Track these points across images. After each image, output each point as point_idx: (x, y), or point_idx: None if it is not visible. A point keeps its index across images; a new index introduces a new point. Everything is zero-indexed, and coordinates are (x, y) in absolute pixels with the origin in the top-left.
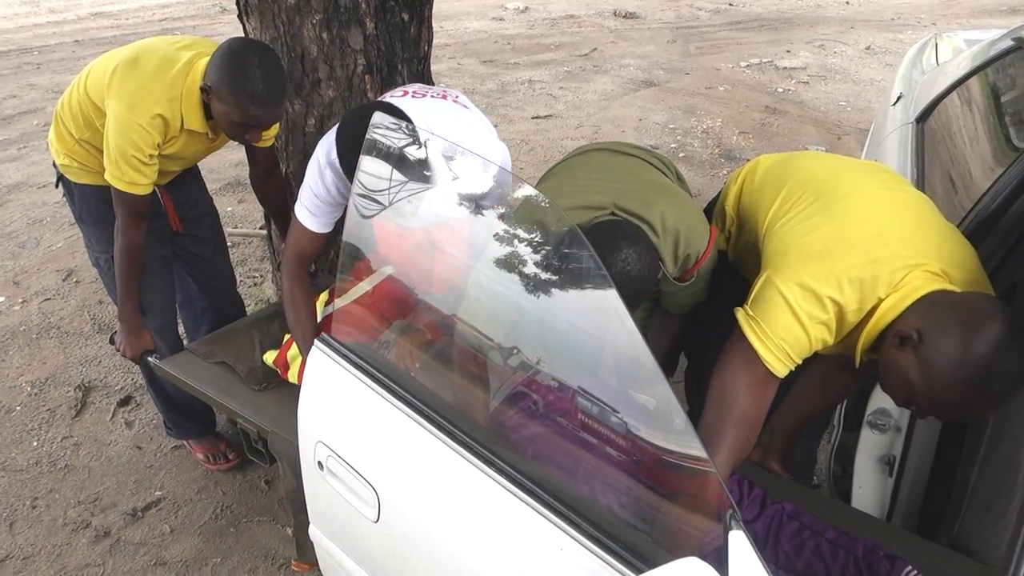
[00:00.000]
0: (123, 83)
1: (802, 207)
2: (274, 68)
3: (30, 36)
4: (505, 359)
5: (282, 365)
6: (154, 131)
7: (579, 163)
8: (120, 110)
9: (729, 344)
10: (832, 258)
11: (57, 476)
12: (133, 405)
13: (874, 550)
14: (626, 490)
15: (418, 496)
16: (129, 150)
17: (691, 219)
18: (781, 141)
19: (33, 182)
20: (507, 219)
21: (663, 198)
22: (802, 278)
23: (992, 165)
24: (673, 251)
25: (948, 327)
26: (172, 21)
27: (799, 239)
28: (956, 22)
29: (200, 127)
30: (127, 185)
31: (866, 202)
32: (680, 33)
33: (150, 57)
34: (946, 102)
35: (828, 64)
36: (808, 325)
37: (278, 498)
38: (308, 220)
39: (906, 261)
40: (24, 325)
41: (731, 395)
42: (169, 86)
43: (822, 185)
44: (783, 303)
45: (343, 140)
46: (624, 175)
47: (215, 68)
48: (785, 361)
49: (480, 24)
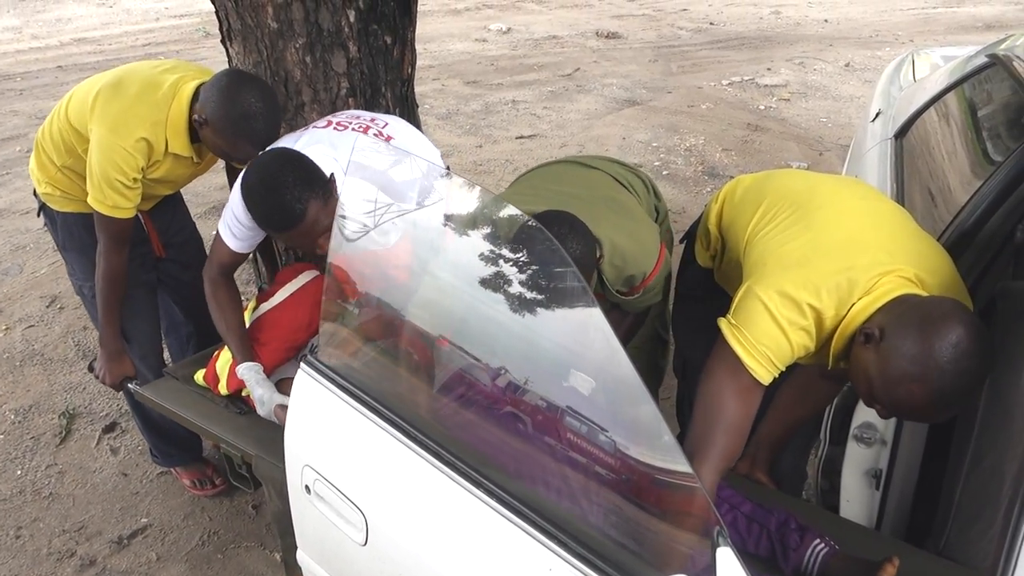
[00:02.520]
0: (106, 107)
1: (780, 219)
2: (273, 109)
3: (12, 62)
4: (492, 379)
5: (211, 380)
6: (138, 154)
7: (543, 172)
8: (104, 133)
9: (713, 354)
10: (810, 266)
11: (41, 504)
12: (118, 431)
13: (786, 522)
14: (614, 508)
15: (406, 518)
16: (112, 173)
17: (639, 240)
18: (764, 158)
19: (16, 208)
20: (456, 223)
21: (614, 217)
22: (781, 285)
23: (970, 179)
24: (614, 266)
25: (907, 325)
26: (155, 46)
27: (778, 249)
28: (933, 39)
29: (185, 151)
30: (110, 209)
31: (842, 211)
32: (662, 52)
33: (133, 80)
34: (924, 117)
35: (808, 81)
36: (789, 331)
37: (265, 523)
38: (230, 240)
39: (881, 267)
40: (7, 352)
41: (717, 403)
42: (153, 109)
43: (799, 197)
44: (764, 310)
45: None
46: (582, 189)
47: (213, 104)
48: (768, 367)
49: (463, 45)
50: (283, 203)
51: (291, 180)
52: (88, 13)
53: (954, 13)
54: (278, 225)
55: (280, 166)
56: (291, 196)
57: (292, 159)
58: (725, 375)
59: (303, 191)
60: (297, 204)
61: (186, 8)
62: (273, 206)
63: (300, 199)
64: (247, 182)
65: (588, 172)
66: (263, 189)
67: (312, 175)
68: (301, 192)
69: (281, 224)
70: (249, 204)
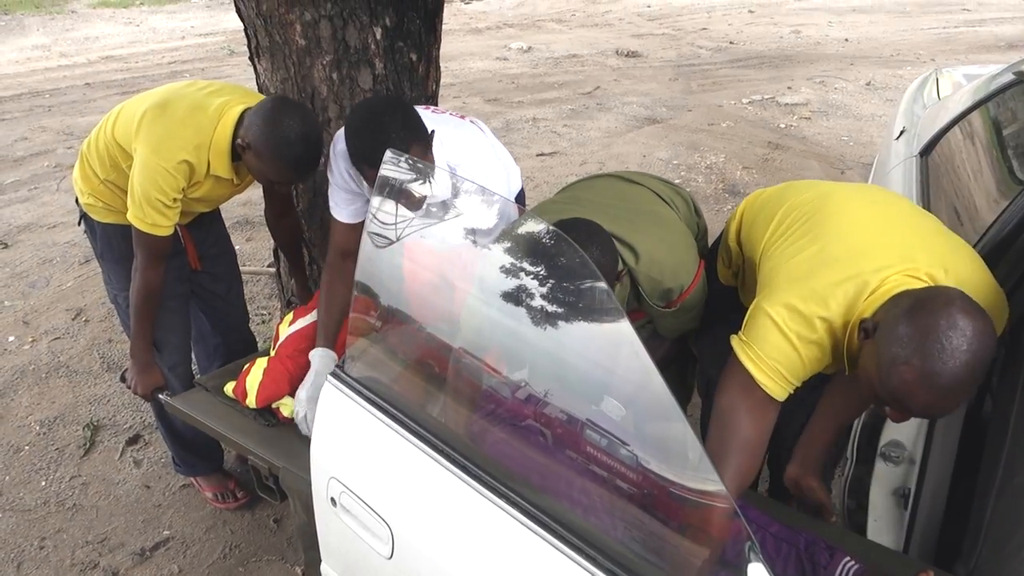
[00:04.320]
0: (151, 127)
1: (791, 232)
2: (316, 137)
3: (41, 79)
4: (513, 392)
5: (240, 394)
6: (179, 176)
7: (586, 185)
8: (147, 154)
9: (726, 370)
10: (816, 277)
11: (65, 516)
12: (142, 444)
13: (815, 542)
14: (643, 524)
15: (433, 531)
16: (153, 193)
17: (676, 254)
18: (784, 176)
19: (43, 222)
20: (500, 243)
21: (654, 229)
22: (788, 299)
23: (996, 198)
24: (652, 279)
25: (899, 310)
26: (181, 64)
27: (785, 263)
28: (955, 58)
29: (227, 173)
30: (149, 227)
31: (850, 220)
32: (682, 71)
33: (180, 103)
34: (949, 136)
35: (829, 100)
36: (798, 345)
37: (287, 537)
38: (335, 211)
39: (890, 268)
40: (33, 364)
41: (731, 420)
42: (197, 132)
43: (810, 207)
44: (772, 325)
45: (350, 126)
46: (623, 201)
47: (257, 129)
48: (780, 382)
49: (484, 64)
50: (388, 140)
51: (399, 121)
52: (115, 32)
53: (976, 32)
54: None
55: (389, 107)
56: (396, 136)
57: (401, 103)
58: (737, 392)
59: (408, 134)
60: (401, 144)
61: (212, 27)
62: (377, 140)
63: (404, 139)
64: (355, 114)
65: (630, 187)
66: (371, 123)
67: (418, 123)
68: (406, 134)
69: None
70: (351, 138)
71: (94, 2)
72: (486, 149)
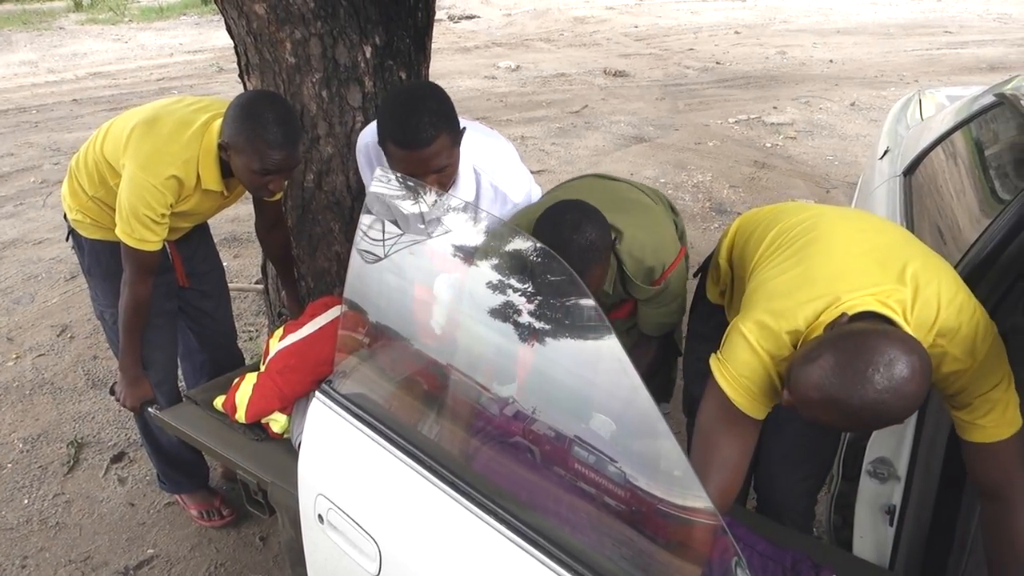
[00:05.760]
0: (139, 144)
1: (779, 253)
2: (286, 112)
3: (28, 95)
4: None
5: (230, 408)
6: (168, 192)
7: (567, 186)
8: (135, 170)
9: (706, 389)
10: (792, 297)
11: (48, 534)
12: (126, 461)
13: (802, 560)
14: (631, 541)
15: (421, 548)
16: (141, 209)
17: (656, 234)
18: (771, 195)
19: (29, 238)
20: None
21: (635, 213)
22: (760, 317)
23: (979, 217)
24: (634, 257)
25: (853, 327)
26: (169, 80)
27: (767, 283)
28: (937, 79)
29: (216, 186)
30: (137, 242)
31: (836, 244)
32: (669, 91)
33: (168, 119)
34: (932, 156)
35: (814, 120)
36: (768, 363)
37: (273, 555)
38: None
39: (860, 291)
40: (17, 381)
41: (710, 438)
42: (184, 147)
43: (800, 230)
44: (744, 342)
45: (386, 105)
46: (605, 193)
47: (230, 122)
48: (753, 400)
49: (473, 82)
50: (420, 122)
51: (433, 106)
52: (103, 48)
53: (958, 54)
54: (404, 141)
55: (426, 92)
56: (428, 120)
57: (440, 91)
58: (715, 409)
59: (440, 119)
60: (431, 128)
61: (200, 44)
62: (408, 122)
63: (435, 125)
64: (390, 96)
65: (610, 182)
66: (408, 103)
67: (452, 113)
68: (438, 120)
69: (407, 141)
70: (384, 114)
71: (82, 19)
72: (516, 159)
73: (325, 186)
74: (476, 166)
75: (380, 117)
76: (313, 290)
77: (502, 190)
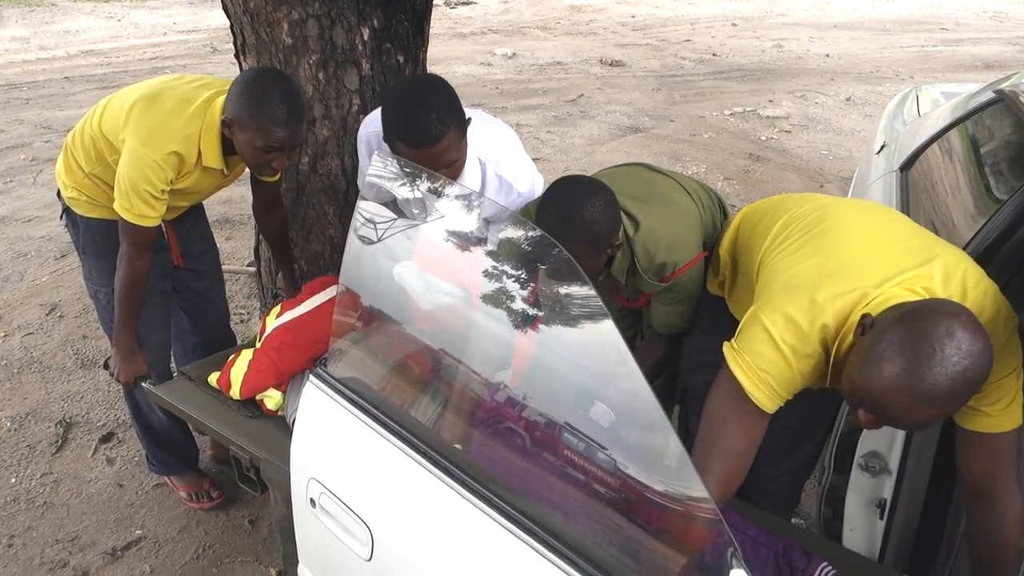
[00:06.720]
0: (141, 119)
1: (791, 241)
2: (290, 89)
3: (19, 72)
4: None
5: (224, 385)
6: (168, 167)
7: (609, 173)
8: (136, 145)
9: (718, 378)
10: (815, 288)
11: (35, 514)
12: (115, 442)
13: (793, 547)
14: (625, 529)
15: (413, 533)
16: (141, 184)
17: (675, 232)
18: (765, 188)
19: (19, 216)
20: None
21: (662, 208)
22: (786, 310)
23: (974, 214)
24: (647, 250)
25: (900, 315)
26: (163, 60)
27: (785, 272)
28: (933, 76)
29: (216, 163)
30: (136, 217)
31: (851, 233)
32: (665, 81)
33: (170, 95)
34: (928, 152)
35: (809, 114)
36: (791, 359)
37: (262, 538)
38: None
39: (888, 284)
40: (5, 359)
41: (718, 428)
42: (186, 123)
43: (811, 219)
44: (766, 335)
45: (388, 101)
46: (645, 184)
47: (234, 99)
48: (770, 395)
49: (469, 69)
50: (427, 119)
51: (439, 100)
52: (96, 26)
53: (953, 52)
54: (414, 139)
55: (432, 85)
56: (436, 115)
57: (443, 83)
58: (726, 400)
59: (448, 114)
60: (440, 124)
61: (194, 24)
62: (416, 119)
63: (444, 120)
64: (395, 90)
65: (656, 174)
66: (412, 100)
67: (457, 106)
68: (445, 115)
69: (418, 140)
70: (388, 112)
71: None
72: (520, 147)
73: (320, 169)
74: (481, 156)
75: (386, 115)
76: (306, 273)
77: (507, 180)
